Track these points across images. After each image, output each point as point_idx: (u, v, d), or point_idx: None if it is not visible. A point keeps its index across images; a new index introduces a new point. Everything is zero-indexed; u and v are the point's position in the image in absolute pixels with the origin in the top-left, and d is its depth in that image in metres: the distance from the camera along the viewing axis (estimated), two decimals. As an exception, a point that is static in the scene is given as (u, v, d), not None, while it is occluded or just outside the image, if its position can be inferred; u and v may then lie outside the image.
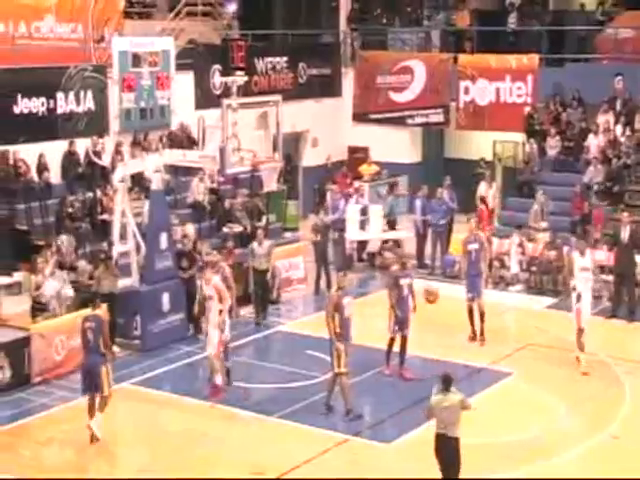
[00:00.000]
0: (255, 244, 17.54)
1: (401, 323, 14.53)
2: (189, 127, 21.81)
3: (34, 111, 19.11)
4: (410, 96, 25.81)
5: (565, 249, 18.34)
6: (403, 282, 14.54)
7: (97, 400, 12.43)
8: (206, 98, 22.61)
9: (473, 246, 16.20)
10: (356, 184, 22.41)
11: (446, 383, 10.56)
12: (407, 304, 14.54)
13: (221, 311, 13.76)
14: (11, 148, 18.39)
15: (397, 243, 21.18)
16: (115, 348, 15.59)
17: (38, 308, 15.53)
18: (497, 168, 24.41)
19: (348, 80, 26.80)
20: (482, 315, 16.10)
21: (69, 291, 15.79)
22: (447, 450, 10.48)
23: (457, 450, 10.49)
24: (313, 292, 19.15)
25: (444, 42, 26.41)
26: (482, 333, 16.12)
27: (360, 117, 26.39)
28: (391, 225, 21.37)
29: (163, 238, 16.44)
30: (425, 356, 15.34)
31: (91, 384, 12.43)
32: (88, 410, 12.46)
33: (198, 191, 20.27)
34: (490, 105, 24.52)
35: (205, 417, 13.37)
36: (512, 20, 25.44)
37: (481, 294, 16.14)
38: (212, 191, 20.56)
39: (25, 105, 18.97)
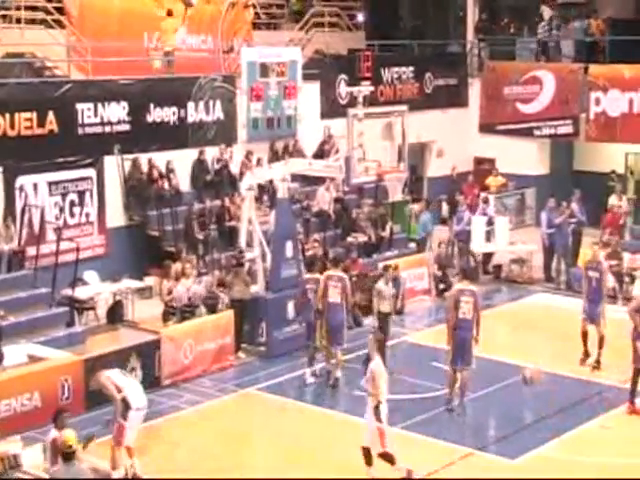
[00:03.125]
0: (381, 283, 15.77)
1: None
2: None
3: (166, 120, 19.60)
4: (538, 107, 25.36)
5: None
6: None
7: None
8: (332, 108, 22.76)
9: (594, 274, 15.64)
10: (482, 195, 22.18)
11: None
12: None
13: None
14: (143, 156, 18.91)
15: (521, 257, 20.88)
16: (241, 354, 15.93)
17: (170, 312, 15.91)
18: (629, 181, 23.70)
19: (475, 90, 26.52)
20: (601, 340, 15.35)
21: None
22: None
23: None
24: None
25: (575, 52, 25.84)
26: (598, 360, 15.37)
27: (487, 128, 26.08)
28: (419, 246, 20.54)
29: (289, 246, 16.57)
30: (554, 372, 15.01)
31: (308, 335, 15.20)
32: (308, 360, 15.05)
33: (324, 200, 20.41)
34: (622, 116, 23.81)
35: (328, 425, 13.43)
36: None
37: (598, 320, 15.33)
38: (337, 200, 20.67)
39: (157, 114, 19.46)
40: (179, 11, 21.29)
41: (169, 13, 20.70)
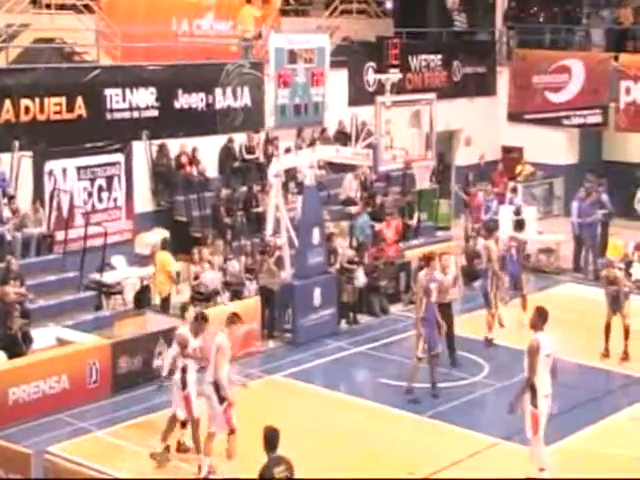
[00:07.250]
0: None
1: None
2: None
3: (194, 106, 19.62)
4: (567, 96, 25.21)
5: None
6: None
7: None
8: (360, 95, 22.67)
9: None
10: (511, 184, 22.06)
11: None
12: None
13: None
14: (171, 142, 18.93)
15: (548, 247, 20.75)
16: (270, 342, 15.94)
17: (197, 298, 15.94)
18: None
19: (503, 79, 26.37)
20: (626, 331, 15.13)
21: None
22: None
23: None
24: None
25: (605, 41, 25.61)
26: (625, 351, 15.15)
27: (515, 117, 25.94)
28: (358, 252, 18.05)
29: (315, 233, 16.56)
30: (581, 363, 14.95)
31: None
32: None
33: (351, 187, 20.35)
34: (653, 106, 23.63)
35: (354, 413, 13.40)
36: None
37: (622, 309, 15.10)
38: (364, 188, 20.60)
39: (185, 100, 19.48)
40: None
41: (248, 0, 20.76)
